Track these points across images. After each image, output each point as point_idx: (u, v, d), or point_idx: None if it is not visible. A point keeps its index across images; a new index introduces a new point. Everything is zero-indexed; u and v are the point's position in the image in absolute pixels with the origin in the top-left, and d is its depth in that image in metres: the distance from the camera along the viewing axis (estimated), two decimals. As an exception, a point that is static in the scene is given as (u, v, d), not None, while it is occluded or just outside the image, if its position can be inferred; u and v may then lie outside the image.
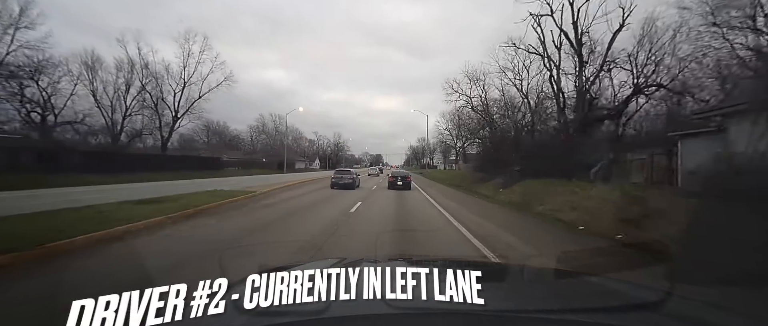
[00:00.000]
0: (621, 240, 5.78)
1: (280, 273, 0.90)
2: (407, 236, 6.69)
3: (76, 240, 4.96)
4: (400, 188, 17.94)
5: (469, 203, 13.17)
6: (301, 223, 7.66)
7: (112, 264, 4.42)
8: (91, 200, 8.33)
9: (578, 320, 0.88)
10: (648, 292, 1.16)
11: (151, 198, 9.52)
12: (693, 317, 0.95)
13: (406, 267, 0.93)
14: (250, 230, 6.72)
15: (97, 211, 7.04)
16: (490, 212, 10.48)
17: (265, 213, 9.05)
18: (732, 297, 2.19)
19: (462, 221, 8.37)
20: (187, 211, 8.13)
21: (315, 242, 5.71)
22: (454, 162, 70.44)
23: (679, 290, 1.02)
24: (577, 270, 2.04)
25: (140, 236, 5.88)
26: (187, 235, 6.20)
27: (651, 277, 2.78)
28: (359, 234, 6.58)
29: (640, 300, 1.04)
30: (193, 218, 7.81)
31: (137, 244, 5.37)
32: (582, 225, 7.49)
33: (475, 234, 6.74)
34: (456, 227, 7.58)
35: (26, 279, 3.71)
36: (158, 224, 6.73)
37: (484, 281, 0.91)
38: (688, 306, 1.02)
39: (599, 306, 1.11)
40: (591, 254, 5.05)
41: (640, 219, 6.10)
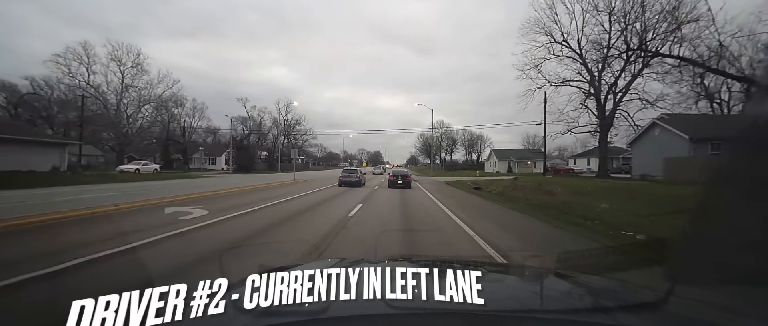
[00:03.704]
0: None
1: (280, 273, 0.90)
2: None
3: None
4: (401, 186, 18.52)
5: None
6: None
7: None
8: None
9: (578, 320, 0.89)
10: (648, 292, 1.16)
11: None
12: (693, 317, 0.95)
13: (406, 267, 0.93)
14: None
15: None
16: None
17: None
18: (732, 297, 2.18)
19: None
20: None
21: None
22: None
23: (679, 290, 1.02)
24: (577, 269, 2.04)
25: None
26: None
27: (651, 277, 2.78)
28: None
29: (640, 300, 1.05)
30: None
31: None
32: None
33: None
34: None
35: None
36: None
37: (484, 281, 0.91)
38: (687, 306, 1.02)
39: (599, 306, 1.12)
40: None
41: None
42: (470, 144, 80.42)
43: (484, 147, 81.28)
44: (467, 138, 79.63)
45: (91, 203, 9.05)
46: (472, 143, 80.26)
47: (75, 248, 4.59)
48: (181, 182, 20.67)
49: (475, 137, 79.69)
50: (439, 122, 79.62)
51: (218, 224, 6.76)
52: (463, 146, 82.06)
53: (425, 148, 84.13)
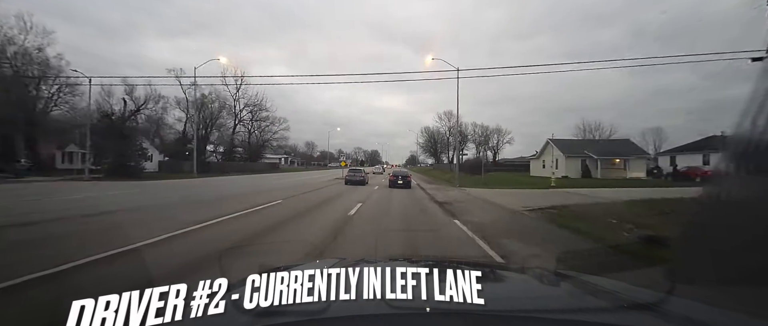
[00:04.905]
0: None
1: (280, 273, 0.90)
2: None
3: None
4: (401, 186, 18.56)
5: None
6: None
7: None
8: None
9: (578, 320, 0.89)
10: (648, 292, 1.16)
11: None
12: (693, 317, 0.95)
13: (406, 267, 0.93)
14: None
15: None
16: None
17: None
18: (732, 297, 2.17)
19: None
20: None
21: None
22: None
23: (679, 290, 1.02)
24: (576, 270, 2.04)
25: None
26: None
27: (651, 277, 2.78)
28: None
29: (640, 300, 1.04)
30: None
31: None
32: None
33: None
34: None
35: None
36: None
37: (484, 281, 0.91)
38: (688, 306, 1.01)
39: (599, 306, 1.12)
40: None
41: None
42: (484, 139, 66.70)
43: (502, 142, 67.45)
44: (480, 133, 66.37)
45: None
46: (486, 137, 66.64)
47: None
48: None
49: (489, 131, 66.52)
50: (448, 112, 66.58)
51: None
52: (474, 143, 67.63)
53: (429, 145, 72.75)
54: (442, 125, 69.33)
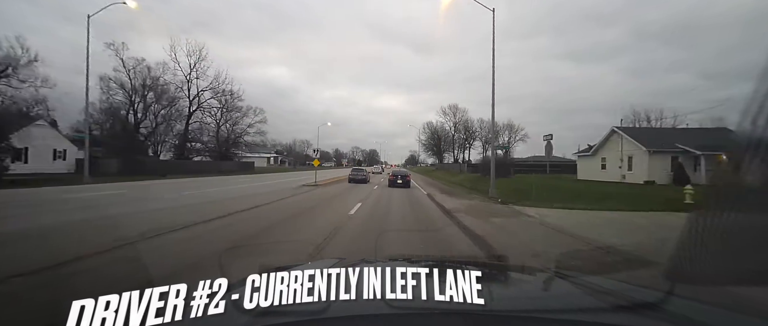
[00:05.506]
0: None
1: (280, 273, 0.90)
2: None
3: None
4: (400, 186, 18.65)
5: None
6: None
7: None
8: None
9: (578, 320, 0.89)
10: (648, 292, 1.16)
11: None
12: (693, 317, 0.95)
13: (406, 267, 0.93)
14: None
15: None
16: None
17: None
18: (732, 297, 2.16)
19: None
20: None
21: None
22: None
23: (679, 290, 1.01)
24: (576, 270, 2.04)
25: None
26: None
27: (651, 277, 2.78)
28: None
29: (640, 300, 1.04)
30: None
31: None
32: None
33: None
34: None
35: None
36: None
37: (484, 281, 0.91)
38: (688, 306, 1.01)
39: (599, 306, 1.11)
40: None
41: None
42: (495, 136, 55.01)
43: (515, 139, 56.80)
44: (489, 129, 50.94)
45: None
46: (496, 134, 52.53)
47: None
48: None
49: (501, 127, 54.76)
50: (453, 107, 61.88)
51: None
52: (481, 140, 59.44)
53: (432, 143, 64.49)
54: (447, 121, 62.75)
